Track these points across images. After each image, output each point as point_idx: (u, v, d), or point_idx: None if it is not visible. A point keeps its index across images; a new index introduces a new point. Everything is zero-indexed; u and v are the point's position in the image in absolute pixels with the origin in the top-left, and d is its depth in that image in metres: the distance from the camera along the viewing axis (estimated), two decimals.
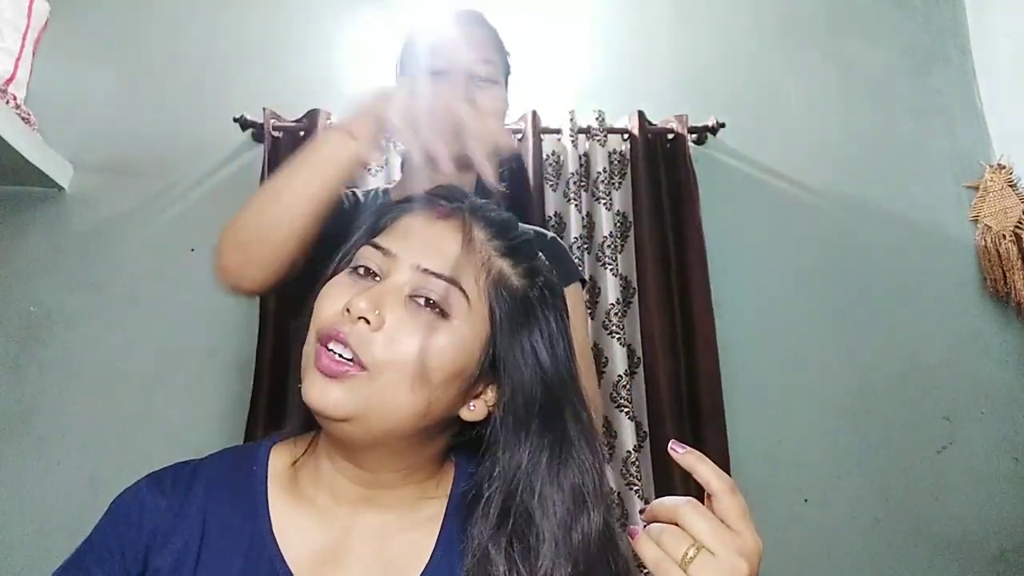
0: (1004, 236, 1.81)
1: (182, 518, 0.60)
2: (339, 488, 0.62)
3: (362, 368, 0.55)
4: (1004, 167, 1.87)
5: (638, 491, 1.52)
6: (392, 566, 0.61)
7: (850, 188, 1.91)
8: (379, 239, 0.61)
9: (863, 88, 1.99)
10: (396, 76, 1.09)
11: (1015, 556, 1.68)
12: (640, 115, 1.79)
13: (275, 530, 0.60)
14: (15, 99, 1.63)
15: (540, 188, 1.69)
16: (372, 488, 0.62)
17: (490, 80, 1.01)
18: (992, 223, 1.84)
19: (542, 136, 1.75)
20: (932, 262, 1.87)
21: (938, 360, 1.80)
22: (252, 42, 1.91)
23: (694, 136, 1.86)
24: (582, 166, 1.75)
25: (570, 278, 1.03)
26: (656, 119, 1.83)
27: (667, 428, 1.58)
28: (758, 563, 0.47)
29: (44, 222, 1.73)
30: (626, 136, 1.80)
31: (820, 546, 1.66)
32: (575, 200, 1.70)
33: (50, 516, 1.54)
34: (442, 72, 0.99)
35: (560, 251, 1.07)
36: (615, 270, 1.65)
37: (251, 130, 1.78)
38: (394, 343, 0.55)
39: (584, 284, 1.44)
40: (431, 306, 0.57)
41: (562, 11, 1.98)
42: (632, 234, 1.72)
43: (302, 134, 1.71)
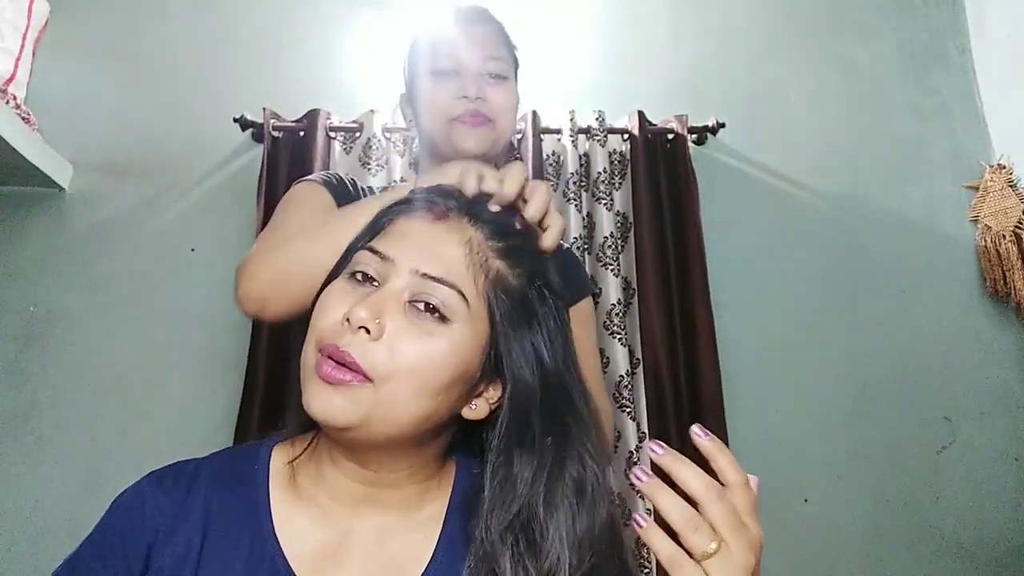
0: (1004, 236, 1.81)
1: (184, 517, 0.60)
2: (340, 488, 0.62)
3: (365, 378, 0.55)
4: (1004, 167, 1.87)
5: (639, 491, 1.51)
6: (393, 565, 0.61)
7: (850, 188, 1.91)
8: (376, 243, 0.61)
9: (863, 88, 1.99)
10: (404, 78, 1.08)
11: (1015, 556, 1.68)
12: (640, 115, 1.79)
13: (276, 529, 0.60)
14: (15, 99, 1.63)
15: None
16: (373, 487, 0.62)
17: (500, 76, 1.01)
18: (992, 223, 1.84)
19: (542, 136, 1.75)
20: (932, 262, 1.87)
21: (938, 360, 1.80)
22: (252, 42, 1.91)
23: (694, 136, 1.86)
24: (582, 166, 1.75)
25: (583, 291, 1.03)
26: (656, 119, 1.83)
27: (668, 428, 1.58)
28: (760, 555, 0.47)
29: (44, 222, 1.73)
30: (626, 136, 1.80)
31: (820, 546, 1.66)
32: (575, 200, 1.70)
33: (50, 516, 1.54)
34: (452, 72, 0.99)
35: (573, 263, 1.07)
36: (616, 270, 1.65)
37: (251, 130, 1.78)
38: (396, 351, 0.55)
39: (596, 297, 1.43)
40: (431, 311, 0.57)
41: (562, 11, 1.98)
42: (632, 234, 1.72)
43: (302, 134, 1.71)
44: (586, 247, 1.69)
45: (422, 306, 0.57)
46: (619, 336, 1.61)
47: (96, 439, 1.59)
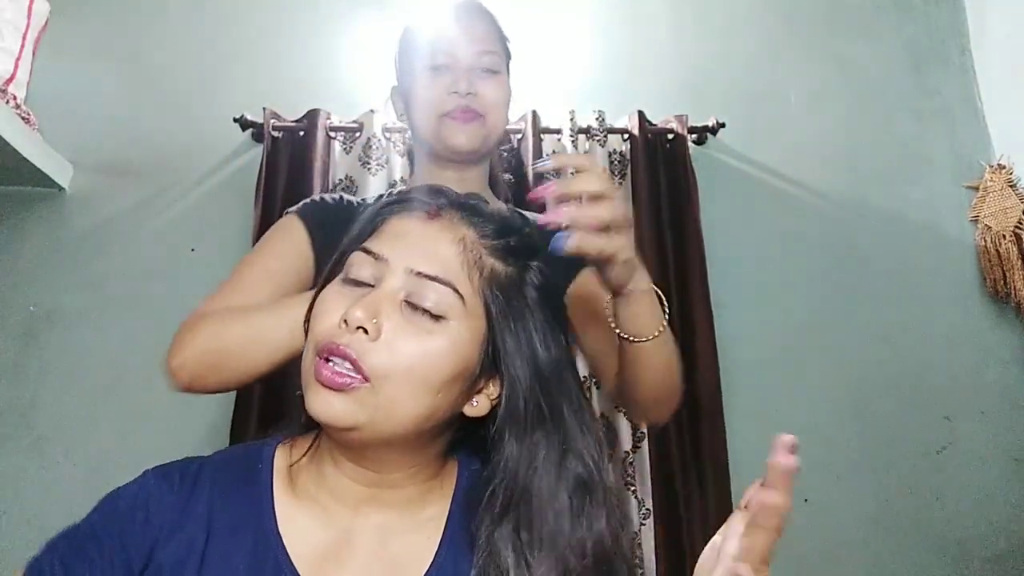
0: (1004, 236, 1.81)
1: (188, 515, 0.60)
2: (342, 488, 0.62)
3: (365, 379, 0.55)
4: (1004, 167, 1.87)
5: (635, 491, 1.52)
6: (396, 565, 0.61)
7: (850, 188, 1.91)
8: (369, 244, 0.61)
9: (863, 88, 1.99)
10: (395, 73, 1.07)
11: (1015, 556, 1.68)
12: (640, 115, 1.78)
13: (280, 529, 0.60)
14: (15, 99, 1.63)
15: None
16: (376, 487, 0.62)
17: (492, 71, 1.00)
18: (992, 223, 1.84)
19: (542, 136, 1.75)
20: (932, 262, 1.87)
21: (938, 360, 1.80)
22: (252, 42, 1.91)
23: (694, 136, 1.85)
24: None
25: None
26: (656, 119, 1.83)
27: (666, 428, 1.58)
28: None
29: (44, 222, 1.73)
30: (626, 136, 1.80)
31: (820, 546, 1.66)
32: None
33: (50, 516, 1.54)
34: (443, 67, 0.98)
35: None
36: None
37: (251, 130, 1.78)
38: (394, 350, 0.55)
39: None
40: (427, 309, 0.57)
41: (562, 11, 1.98)
42: (632, 234, 1.72)
43: (302, 134, 1.71)
44: None
45: (418, 304, 0.57)
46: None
47: (96, 439, 1.59)
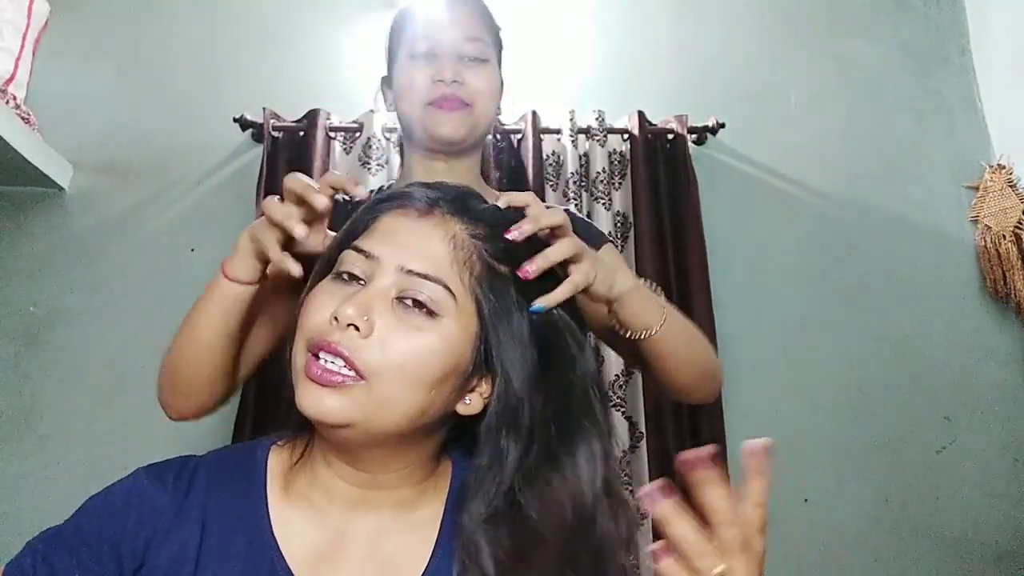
0: (1004, 236, 1.81)
1: (182, 516, 0.59)
2: (335, 489, 0.61)
3: (358, 376, 0.54)
4: (1004, 167, 1.87)
5: (631, 491, 1.52)
6: (391, 566, 0.60)
7: (850, 188, 1.91)
8: (360, 242, 0.60)
9: (863, 88, 1.99)
10: (386, 63, 1.05)
11: (1015, 556, 1.68)
12: (640, 115, 1.78)
13: (274, 530, 0.60)
14: (15, 99, 1.63)
15: (540, 188, 1.69)
16: (369, 488, 0.61)
17: (480, 59, 0.97)
18: (992, 223, 1.84)
19: (542, 136, 1.75)
20: (932, 262, 1.87)
21: (938, 360, 1.80)
22: (252, 42, 1.91)
23: (694, 136, 1.85)
24: (582, 166, 1.75)
25: (596, 241, 0.97)
26: (656, 119, 1.83)
27: (665, 428, 1.58)
28: (763, 567, 0.47)
29: (44, 222, 1.73)
30: (626, 136, 1.80)
31: (820, 546, 1.66)
32: (575, 200, 1.70)
33: (50, 516, 1.53)
34: (428, 54, 0.96)
35: (575, 220, 1.01)
36: None
37: (251, 130, 1.78)
38: (386, 347, 0.55)
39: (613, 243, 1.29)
40: (418, 306, 0.57)
41: (562, 11, 1.98)
42: (632, 234, 1.72)
43: (302, 134, 1.71)
44: None
45: (410, 302, 0.57)
46: None
47: (96, 439, 1.59)
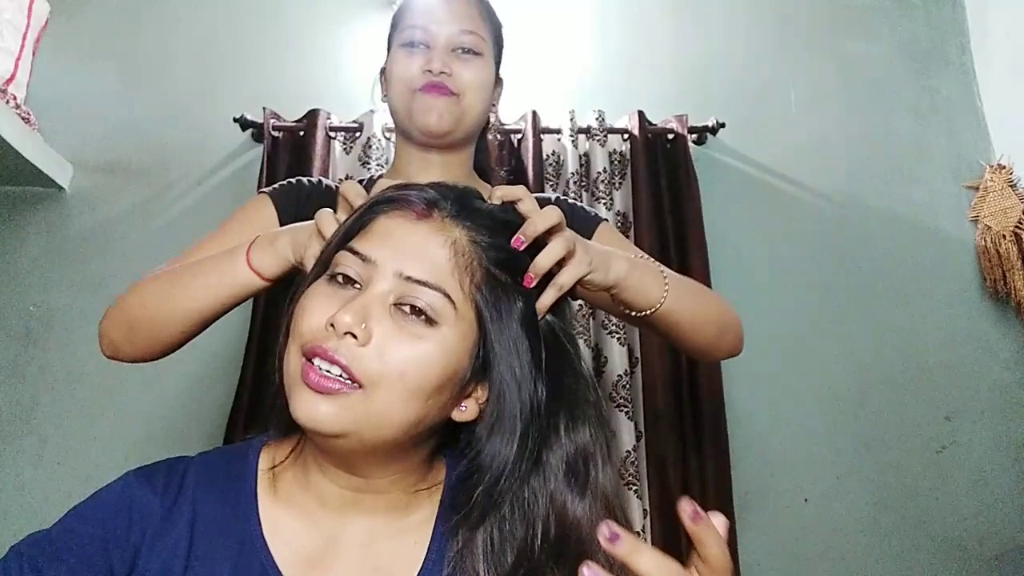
0: (1004, 236, 1.81)
1: (172, 520, 0.58)
2: (327, 493, 0.60)
3: (356, 384, 0.53)
4: (1004, 167, 1.87)
5: (636, 491, 1.52)
6: (383, 571, 0.59)
7: (850, 188, 1.91)
8: (357, 244, 0.58)
9: (863, 88, 1.99)
10: (386, 53, 1.04)
11: (1015, 556, 1.68)
12: (640, 115, 1.78)
13: (265, 533, 0.59)
14: (15, 99, 1.63)
15: (540, 188, 1.69)
16: (361, 493, 0.60)
17: (473, 52, 0.96)
18: (992, 223, 1.84)
19: (542, 136, 1.75)
20: (932, 262, 1.87)
21: (938, 360, 1.80)
22: (252, 42, 1.91)
23: (694, 136, 1.85)
24: (582, 166, 1.75)
25: (592, 223, 0.98)
26: (656, 119, 1.83)
27: (664, 428, 1.58)
28: None
29: (44, 222, 1.73)
30: (626, 136, 1.80)
31: (820, 546, 1.66)
32: (575, 200, 1.69)
33: (50, 516, 1.53)
34: (421, 45, 0.95)
35: (571, 208, 1.01)
36: None
37: (251, 130, 1.78)
38: (385, 356, 0.54)
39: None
40: (417, 313, 0.55)
41: (562, 11, 1.98)
42: (632, 234, 1.72)
43: (302, 134, 1.71)
44: None
45: (408, 308, 0.55)
46: (618, 336, 1.61)
47: (96, 439, 1.59)
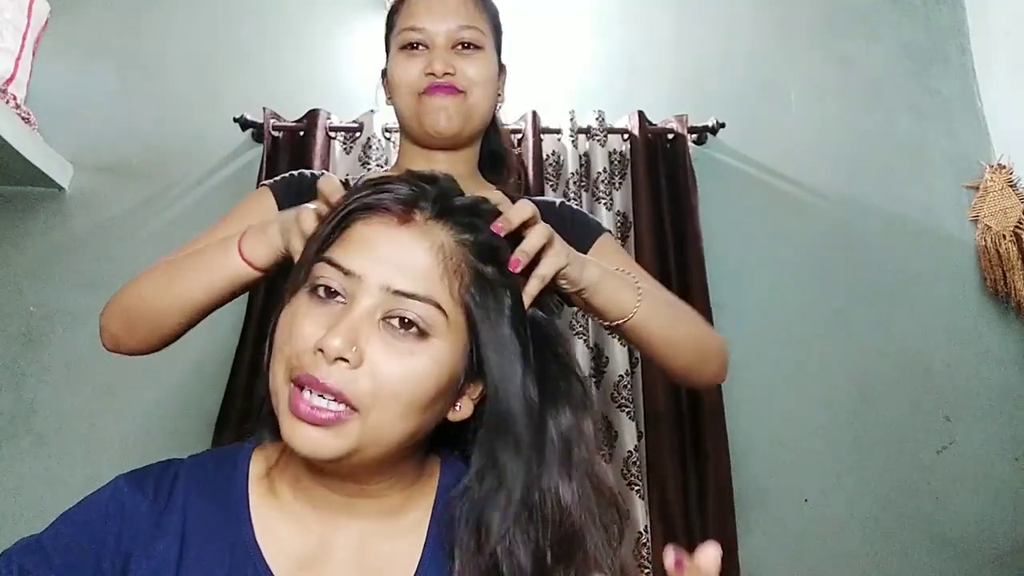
0: (1004, 236, 1.81)
1: (163, 525, 0.57)
2: (319, 497, 0.59)
3: (351, 408, 0.52)
4: (1004, 167, 1.87)
5: (639, 491, 1.52)
6: (378, 574, 0.59)
7: (850, 188, 1.91)
8: (336, 255, 0.55)
9: (863, 88, 1.99)
10: (385, 54, 1.03)
11: (1015, 556, 1.68)
12: (640, 115, 1.78)
13: (257, 537, 0.58)
14: (15, 99, 1.62)
15: (540, 188, 1.69)
16: (354, 497, 0.60)
17: (474, 46, 0.95)
18: (992, 223, 1.84)
19: (542, 136, 1.75)
20: (932, 262, 1.87)
21: (938, 360, 1.80)
22: (252, 42, 1.91)
23: (694, 136, 1.85)
24: (582, 166, 1.75)
25: (594, 233, 0.96)
26: (656, 119, 1.83)
27: (664, 428, 1.58)
28: None
29: (44, 222, 1.73)
30: (626, 136, 1.80)
31: (820, 546, 1.66)
32: (575, 200, 1.69)
33: (50, 516, 1.53)
34: (420, 45, 0.95)
35: (573, 214, 1.00)
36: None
37: (251, 130, 1.78)
38: (378, 376, 0.52)
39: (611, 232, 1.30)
40: (407, 325, 0.53)
41: (562, 11, 1.98)
42: (632, 234, 1.72)
43: (302, 134, 1.71)
44: None
45: (397, 322, 0.53)
46: (619, 336, 1.61)
47: (96, 439, 1.59)
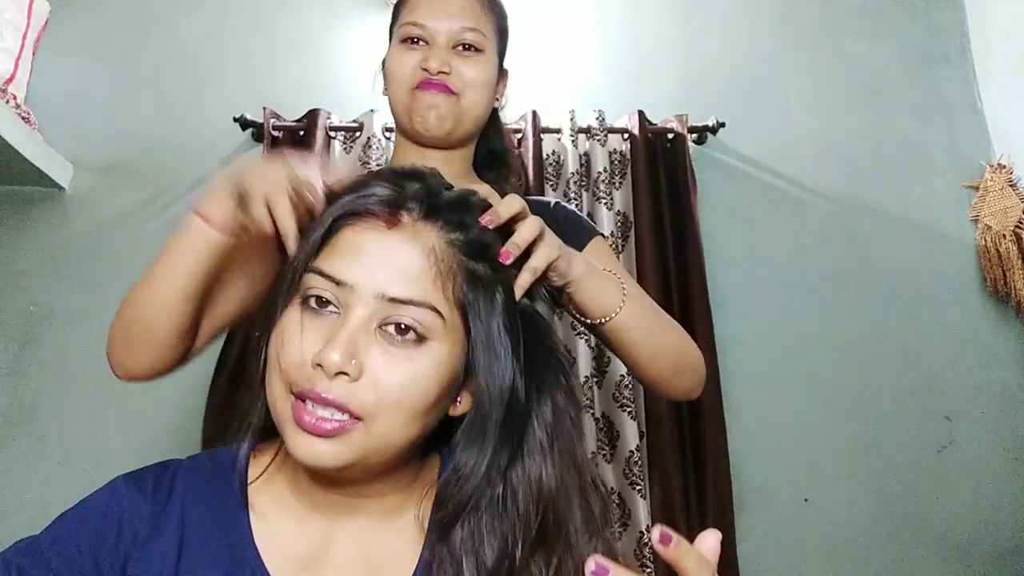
0: (1004, 236, 1.81)
1: (161, 527, 0.56)
2: (318, 497, 0.59)
3: (355, 419, 0.52)
4: (1004, 167, 1.87)
5: (640, 491, 1.52)
6: (378, 572, 0.59)
7: (850, 188, 1.91)
8: (325, 265, 0.54)
9: (863, 87, 1.99)
10: (388, 44, 1.02)
11: (1015, 556, 1.68)
12: (640, 115, 1.79)
13: (256, 539, 0.57)
14: (15, 99, 1.63)
15: (540, 188, 1.69)
16: (353, 498, 0.59)
17: (474, 48, 0.94)
18: (992, 223, 1.84)
19: (542, 136, 1.75)
20: (932, 262, 1.87)
21: (938, 360, 1.80)
22: (252, 42, 1.91)
23: (694, 136, 1.85)
24: (582, 166, 1.75)
25: (587, 235, 0.96)
26: (656, 119, 1.83)
27: (665, 428, 1.58)
28: None
29: (44, 222, 1.73)
30: (626, 136, 1.80)
31: (820, 546, 1.66)
32: (575, 200, 1.70)
33: (50, 516, 1.53)
34: (419, 40, 0.94)
35: (567, 215, 0.99)
36: None
37: (251, 130, 1.78)
38: (379, 385, 0.52)
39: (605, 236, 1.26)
40: (404, 331, 0.53)
41: (562, 11, 1.98)
42: (632, 234, 1.72)
43: (302, 134, 1.71)
44: None
45: (393, 328, 0.53)
46: None
47: (96, 439, 1.59)
